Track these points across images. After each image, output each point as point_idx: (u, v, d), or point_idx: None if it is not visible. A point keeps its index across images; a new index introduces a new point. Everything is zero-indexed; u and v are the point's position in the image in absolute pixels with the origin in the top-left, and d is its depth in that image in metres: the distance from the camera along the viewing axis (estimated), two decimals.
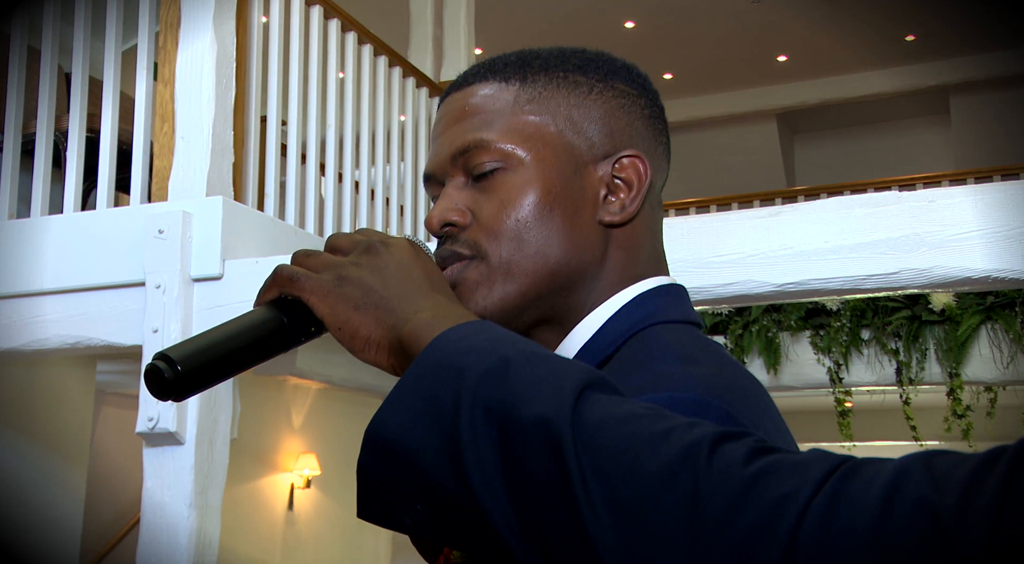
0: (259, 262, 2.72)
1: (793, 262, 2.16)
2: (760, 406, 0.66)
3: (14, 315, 2.94)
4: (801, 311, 4.31)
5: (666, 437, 0.49)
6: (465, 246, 0.74)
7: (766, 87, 9.08)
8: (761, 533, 0.44)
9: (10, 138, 3.22)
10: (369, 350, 0.64)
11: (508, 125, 0.74)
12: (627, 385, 0.62)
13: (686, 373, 0.63)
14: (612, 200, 0.75)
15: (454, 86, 0.79)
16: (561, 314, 0.75)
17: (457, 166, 0.76)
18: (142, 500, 2.67)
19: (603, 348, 0.72)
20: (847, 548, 0.43)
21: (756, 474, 0.47)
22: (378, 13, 5.41)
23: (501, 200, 0.73)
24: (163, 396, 0.62)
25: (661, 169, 0.79)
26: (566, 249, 0.73)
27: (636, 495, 0.48)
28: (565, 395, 0.52)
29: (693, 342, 0.70)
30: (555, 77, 0.76)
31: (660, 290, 0.75)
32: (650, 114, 0.78)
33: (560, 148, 0.74)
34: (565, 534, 0.49)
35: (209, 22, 2.90)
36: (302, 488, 5.79)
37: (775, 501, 0.45)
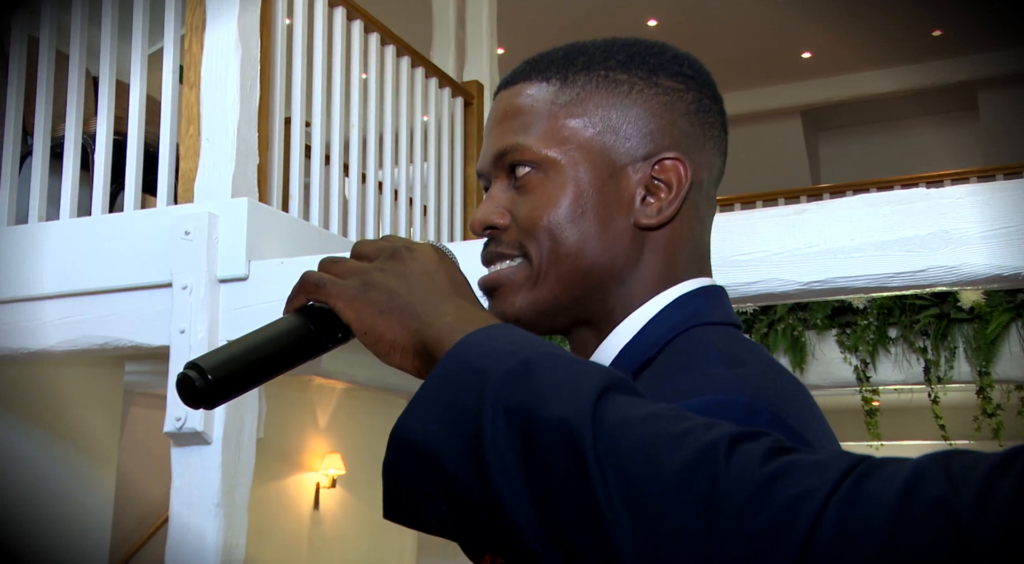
0: (284, 263, 2.73)
1: (819, 260, 2.14)
2: (807, 408, 0.66)
3: (44, 316, 2.98)
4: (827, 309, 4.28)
5: (685, 437, 0.50)
6: (509, 247, 0.75)
7: (790, 84, 9.03)
8: (778, 531, 0.45)
9: (39, 141, 3.26)
10: (394, 354, 0.64)
11: (545, 128, 0.75)
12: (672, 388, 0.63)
13: (733, 376, 0.64)
14: (650, 202, 0.74)
15: (503, 84, 0.80)
16: (598, 316, 0.75)
17: (499, 167, 0.77)
18: (170, 499, 2.69)
19: (644, 350, 0.72)
20: (864, 546, 0.43)
21: (774, 473, 0.47)
22: (401, 14, 5.43)
23: (535, 203, 0.74)
24: (194, 404, 0.63)
25: (710, 165, 0.78)
26: (598, 252, 0.73)
27: (655, 495, 0.48)
28: (585, 397, 0.52)
29: (736, 344, 0.70)
30: (595, 76, 0.76)
31: (700, 292, 0.75)
32: (698, 108, 0.77)
33: (596, 151, 0.74)
34: (585, 534, 0.49)
35: (234, 25, 2.92)
36: (327, 487, 5.82)
37: (793, 499, 0.45)
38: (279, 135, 3.17)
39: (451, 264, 0.69)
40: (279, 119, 3.18)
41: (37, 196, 3.20)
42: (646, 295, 0.74)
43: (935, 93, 8.74)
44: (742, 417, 0.59)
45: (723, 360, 0.66)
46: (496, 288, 0.75)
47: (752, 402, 0.61)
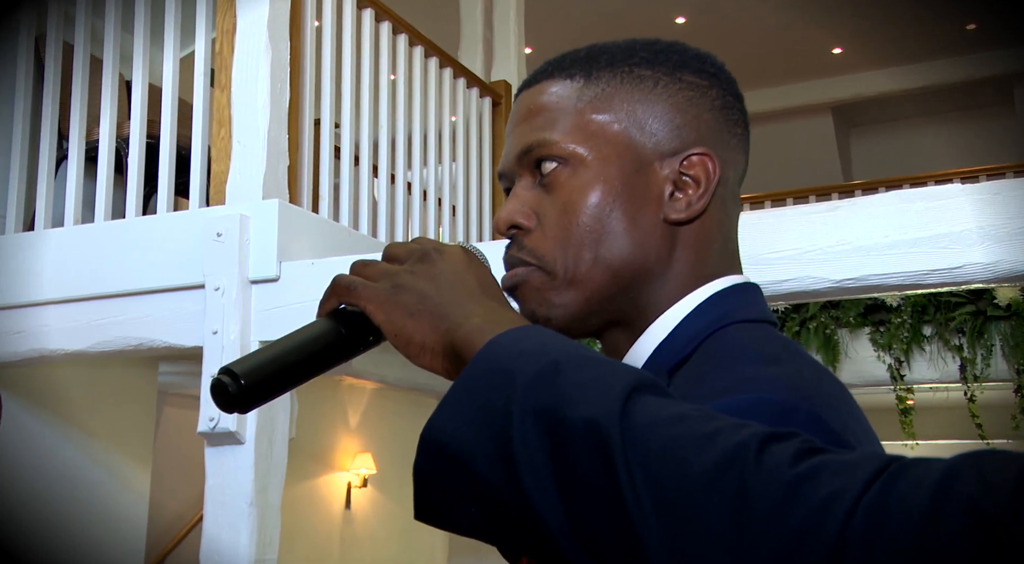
0: (315, 263, 2.75)
1: (852, 258, 2.12)
2: (846, 407, 0.65)
3: (80, 318, 3.02)
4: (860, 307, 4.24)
5: (714, 438, 0.49)
6: (529, 254, 0.74)
7: (821, 80, 8.95)
8: (809, 532, 0.44)
9: (74, 145, 3.30)
10: (424, 356, 0.65)
11: (571, 124, 0.74)
12: (708, 387, 0.62)
13: (770, 375, 0.63)
14: (678, 197, 0.74)
15: (524, 84, 0.80)
16: (630, 316, 0.75)
17: (523, 166, 0.76)
18: (204, 499, 2.72)
19: (679, 349, 0.71)
20: (895, 548, 0.43)
21: (804, 474, 0.46)
22: (428, 14, 5.44)
23: (563, 202, 0.73)
24: (229, 409, 0.64)
25: (735, 161, 0.78)
26: (629, 249, 0.73)
27: (684, 495, 0.48)
28: (614, 397, 0.52)
29: (773, 342, 0.69)
30: (619, 72, 0.75)
31: (735, 289, 0.74)
32: (722, 105, 0.77)
33: (623, 146, 0.74)
34: (615, 535, 0.49)
35: (264, 28, 2.94)
36: (359, 487, 5.85)
37: (823, 500, 0.45)
38: (309, 136, 3.19)
39: (480, 266, 0.69)
40: (309, 121, 3.19)
41: (72, 200, 3.24)
42: (678, 293, 0.73)
43: (969, 88, 8.63)
44: (779, 416, 0.58)
45: (759, 358, 0.65)
46: (515, 287, 0.75)
47: (789, 400, 0.60)
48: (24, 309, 3.06)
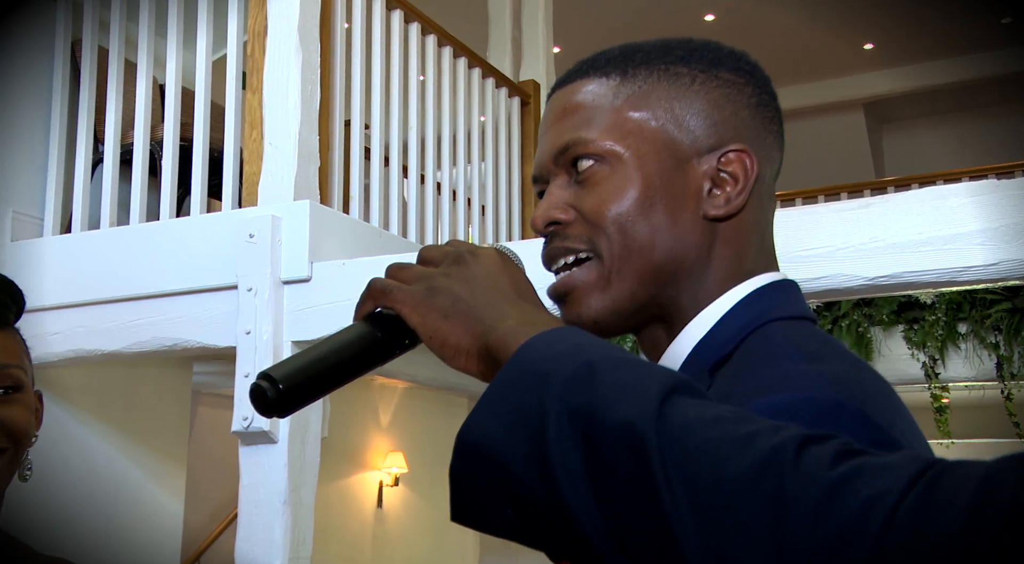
0: (346, 264, 2.76)
1: (885, 255, 2.10)
2: (890, 403, 0.64)
3: (117, 318, 3.05)
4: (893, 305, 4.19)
5: (751, 440, 0.49)
6: (577, 240, 0.74)
7: (852, 76, 8.86)
8: (849, 535, 0.44)
9: (109, 148, 3.34)
10: (459, 358, 0.65)
11: (608, 122, 0.74)
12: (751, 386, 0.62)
13: (814, 372, 0.62)
14: (717, 194, 0.73)
15: (557, 84, 0.79)
16: (670, 312, 0.74)
17: (559, 165, 0.76)
18: (239, 497, 2.74)
19: (719, 348, 0.71)
20: (936, 551, 0.42)
21: (843, 476, 0.46)
22: (457, 15, 5.45)
23: (602, 197, 0.73)
24: (267, 413, 0.64)
25: (771, 159, 0.77)
26: (670, 244, 0.72)
27: (721, 498, 0.47)
28: (649, 399, 0.52)
29: (813, 339, 0.68)
30: (656, 70, 0.75)
31: (774, 286, 0.74)
32: (758, 102, 0.76)
33: (661, 143, 0.73)
34: (651, 537, 0.49)
35: (294, 30, 2.96)
36: (390, 486, 5.88)
37: (863, 503, 0.44)
38: (339, 138, 3.20)
39: (515, 268, 0.69)
40: (339, 122, 3.21)
41: (108, 202, 3.28)
42: (717, 290, 0.73)
43: (1004, 82, 8.50)
44: (825, 414, 0.58)
45: (801, 356, 0.65)
46: (569, 293, 0.74)
47: (834, 398, 0.59)
48: (62, 310, 3.10)
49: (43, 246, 3.27)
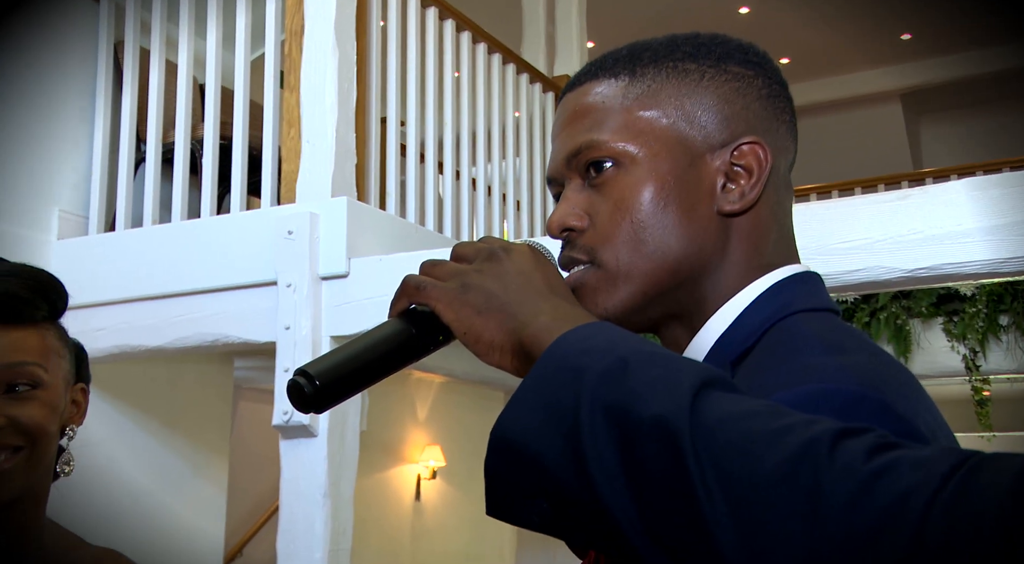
0: (383, 259, 2.77)
1: (924, 246, 2.06)
2: (914, 395, 0.63)
3: (160, 315, 3.09)
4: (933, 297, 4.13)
5: (785, 433, 0.49)
6: (582, 252, 0.74)
7: (889, 67, 8.73)
8: (886, 529, 0.43)
9: (151, 148, 3.38)
10: (493, 353, 0.65)
11: (619, 123, 0.73)
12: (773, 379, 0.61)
13: (837, 364, 0.61)
14: (731, 188, 0.73)
15: (568, 87, 0.79)
16: (688, 309, 0.74)
17: (572, 168, 0.76)
18: (280, 490, 2.76)
19: (740, 341, 0.70)
20: (975, 543, 0.41)
21: (879, 469, 0.45)
22: (491, 11, 5.45)
23: (615, 201, 0.73)
24: (305, 409, 0.65)
25: (785, 150, 0.76)
26: (684, 243, 0.72)
27: (756, 491, 0.47)
28: (683, 394, 0.52)
29: (836, 331, 0.67)
30: (664, 68, 0.74)
31: (795, 278, 0.73)
32: (769, 94, 0.75)
33: (673, 141, 0.73)
34: (687, 530, 0.49)
35: (331, 29, 2.97)
36: (428, 479, 5.91)
37: (900, 496, 0.44)
38: (375, 135, 3.22)
39: (547, 264, 0.69)
40: (375, 119, 3.22)
41: (150, 200, 3.32)
42: (736, 285, 0.72)
43: None
44: (847, 405, 0.57)
45: (824, 348, 0.64)
46: (576, 289, 0.74)
47: (856, 390, 0.59)
48: (106, 307, 3.15)
49: (88, 244, 3.32)
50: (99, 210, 3.42)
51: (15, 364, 1.01)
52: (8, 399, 1.01)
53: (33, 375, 1.02)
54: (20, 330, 1.03)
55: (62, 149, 3.44)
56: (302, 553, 2.68)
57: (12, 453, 1.01)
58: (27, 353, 1.02)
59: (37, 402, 1.02)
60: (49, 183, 3.38)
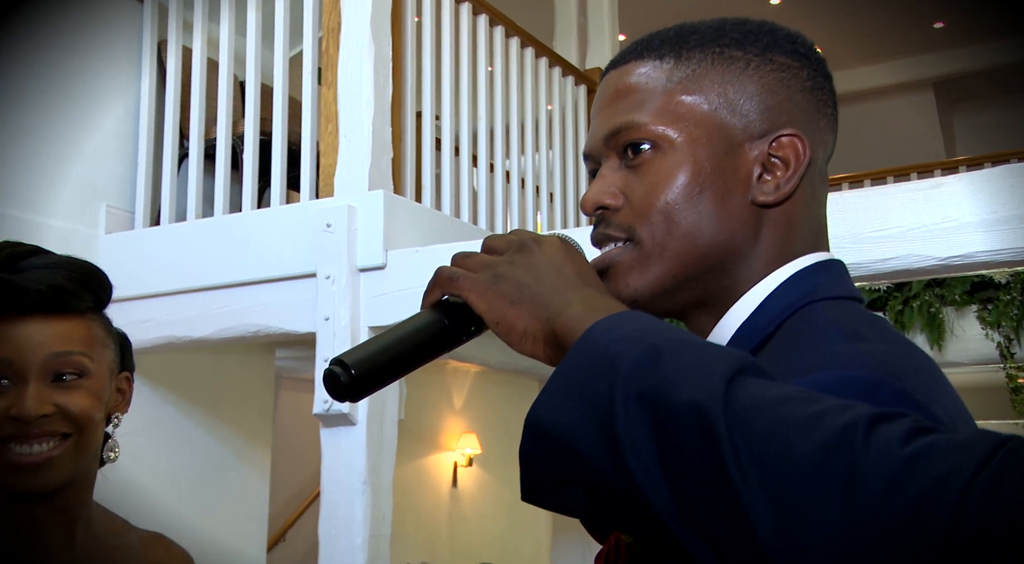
0: (419, 251, 2.78)
1: (958, 234, 2.03)
2: (934, 382, 0.62)
3: (204, 307, 3.13)
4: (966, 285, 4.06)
5: (820, 418, 0.48)
6: (618, 229, 0.73)
7: (922, 56, 8.58)
8: (922, 513, 0.43)
9: (194, 144, 3.42)
10: (525, 342, 0.65)
11: (660, 106, 0.72)
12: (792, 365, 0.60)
13: (855, 351, 0.61)
14: (767, 179, 0.72)
15: (612, 64, 0.78)
16: (715, 297, 0.73)
17: (610, 147, 0.75)
18: (321, 477, 2.79)
19: (761, 328, 0.69)
20: (1012, 526, 0.41)
21: (915, 454, 0.45)
22: (524, 5, 5.43)
23: (651, 182, 0.72)
24: (341, 398, 0.65)
25: (824, 143, 0.75)
26: (716, 230, 0.71)
27: (792, 475, 0.47)
28: (716, 380, 0.51)
29: (857, 318, 0.67)
30: (710, 53, 0.73)
31: (818, 267, 0.72)
32: (812, 86, 0.74)
33: (712, 128, 0.72)
34: (723, 515, 0.49)
35: (367, 25, 2.98)
36: (464, 466, 5.93)
37: (936, 480, 0.43)
38: (411, 129, 3.22)
39: (578, 255, 0.69)
40: (411, 114, 3.23)
41: (193, 195, 3.35)
42: (763, 273, 0.72)
43: None
44: (863, 392, 0.56)
45: (843, 335, 0.63)
46: (606, 269, 0.74)
47: (874, 376, 0.58)
48: (152, 299, 3.19)
49: (134, 238, 3.37)
50: (144, 205, 3.46)
51: (62, 353, 1.03)
52: (55, 387, 1.02)
53: (79, 364, 1.04)
54: (66, 320, 1.04)
55: (108, 146, 3.48)
56: (343, 538, 2.70)
57: (60, 440, 1.02)
58: (73, 343, 1.04)
59: (83, 390, 1.04)
60: (96, 179, 3.43)
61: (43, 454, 1.01)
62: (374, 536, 2.72)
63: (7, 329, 1.02)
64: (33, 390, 1.00)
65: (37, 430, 1.00)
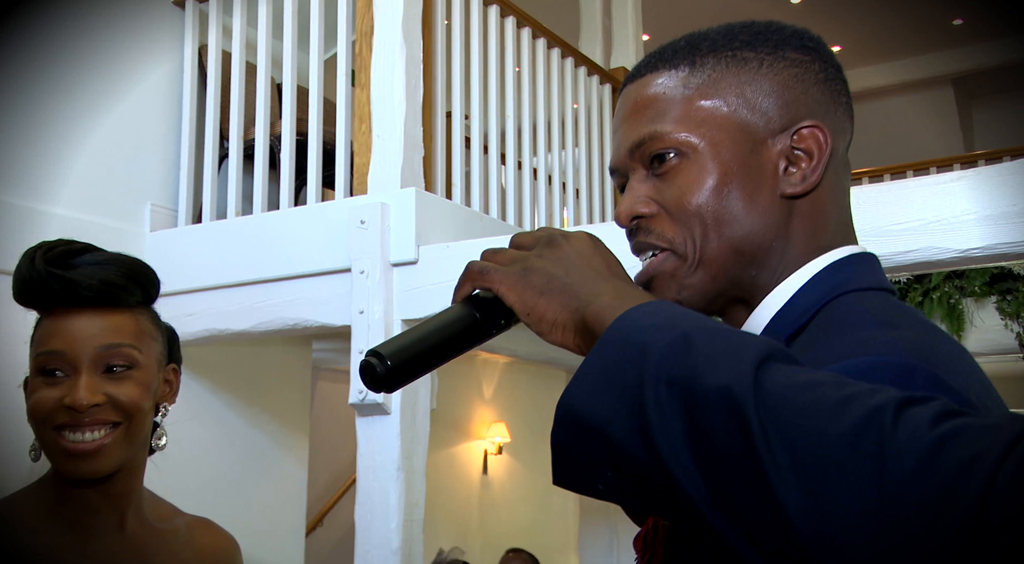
0: (450, 246, 2.79)
1: (977, 227, 2.00)
2: (965, 368, 0.62)
3: (244, 301, 3.15)
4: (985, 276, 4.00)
5: (849, 402, 0.48)
6: (657, 237, 0.73)
7: (941, 52, 8.45)
8: (951, 494, 0.43)
9: (234, 144, 3.44)
10: (556, 332, 0.65)
11: (680, 113, 0.73)
12: (826, 352, 0.60)
13: (887, 337, 0.60)
14: (793, 172, 0.72)
15: (628, 78, 0.78)
16: (751, 291, 0.73)
17: (636, 159, 0.75)
18: (357, 464, 2.80)
19: (796, 318, 0.69)
20: None
21: (943, 436, 0.45)
22: (549, 6, 5.41)
23: (681, 188, 0.72)
24: (376, 388, 0.66)
25: (843, 131, 0.75)
26: (749, 226, 0.71)
27: (822, 459, 0.46)
28: (745, 366, 0.51)
29: (890, 307, 0.66)
30: (723, 57, 0.73)
31: (851, 259, 0.72)
32: (826, 77, 0.74)
33: (734, 129, 0.72)
34: (753, 499, 0.48)
35: (398, 29, 2.99)
36: (495, 454, 5.94)
37: (964, 462, 0.43)
38: (441, 128, 3.23)
39: (605, 248, 0.69)
40: (441, 113, 3.23)
41: (233, 194, 3.38)
42: (796, 265, 0.71)
43: None
44: (897, 377, 0.56)
45: (876, 323, 0.63)
46: (652, 279, 0.74)
47: (908, 362, 0.57)
48: (195, 293, 3.22)
49: (178, 235, 3.40)
50: (187, 203, 3.50)
51: (113, 345, 1.04)
52: (106, 378, 1.04)
53: (129, 356, 1.05)
54: (117, 314, 1.06)
55: (153, 148, 3.52)
56: (378, 523, 2.72)
57: (111, 428, 1.04)
58: (123, 336, 1.05)
59: (132, 381, 1.05)
60: (141, 179, 3.47)
61: (95, 442, 1.02)
62: (408, 521, 2.73)
63: (60, 322, 1.03)
64: (85, 381, 1.02)
65: (89, 419, 1.02)
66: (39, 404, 1.02)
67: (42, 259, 1.03)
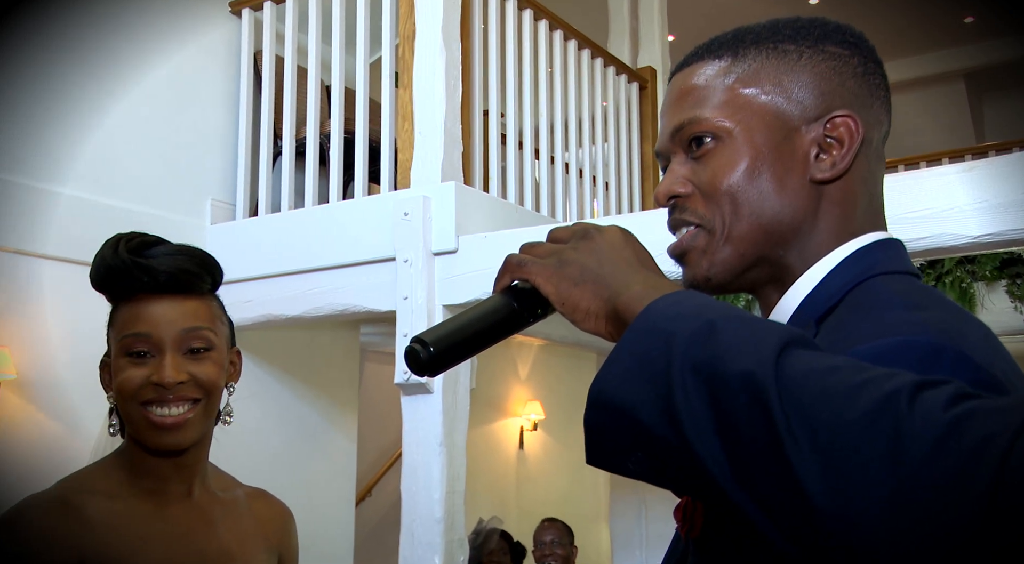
0: (487, 237, 2.79)
1: (990, 214, 1.96)
2: (992, 347, 0.60)
3: (297, 288, 3.18)
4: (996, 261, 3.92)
5: (867, 385, 0.47)
6: (691, 214, 0.73)
7: (952, 49, 8.27)
8: (965, 474, 0.42)
9: (286, 142, 3.47)
10: (589, 320, 0.65)
11: (720, 100, 0.72)
12: (855, 333, 0.59)
13: (915, 318, 0.59)
14: (823, 158, 0.71)
15: (677, 67, 0.78)
16: (781, 272, 0.72)
17: (677, 143, 0.75)
18: (402, 440, 2.82)
19: (825, 300, 0.68)
20: None
21: (958, 417, 0.44)
22: (580, 8, 5.37)
23: (715, 169, 0.72)
24: (420, 373, 0.66)
25: (878, 123, 0.74)
26: (778, 208, 0.70)
27: (841, 442, 0.46)
28: (767, 352, 0.51)
29: (916, 290, 0.65)
30: (765, 49, 0.73)
31: (879, 244, 0.71)
32: (864, 71, 0.73)
33: (769, 116, 0.71)
34: (774, 478, 0.48)
35: (439, 32, 2.98)
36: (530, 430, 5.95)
37: (978, 442, 0.42)
38: (479, 126, 3.23)
39: (636, 241, 0.69)
40: (478, 112, 3.23)
41: (286, 189, 3.41)
42: (825, 249, 0.71)
43: None
44: (927, 356, 0.55)
45: (904, 305, 0.62)
46: (684, 254, 0.74)
47: (935, 341, 0.56)
48: (252, 282, 3.26)
49: (236, 228, 3.44)
50: (244, 198, 3.54)
51: (193, 328, 1.06)
52: (188, 358, 1.05)
53: (207, 338, 1.07)
54: (193, 300, 1.07)
55: (212, 147, 3.55)
56: (422, 494, 2.74)
57: (192, 404, 1.05)
58: (200, 319, 1.07)
59: (210, 361, 1.07)
60: (202, 176, 3.51)
61: (180, 415, 1.04)
62: (450, 493, 2.75)
63: (144, 307, 1.05)
64: (170, 360, 1.04)
65: (174, 395, 1.04)
66: (127, 382, 1.04)
67: (125, 249, 1.05)
